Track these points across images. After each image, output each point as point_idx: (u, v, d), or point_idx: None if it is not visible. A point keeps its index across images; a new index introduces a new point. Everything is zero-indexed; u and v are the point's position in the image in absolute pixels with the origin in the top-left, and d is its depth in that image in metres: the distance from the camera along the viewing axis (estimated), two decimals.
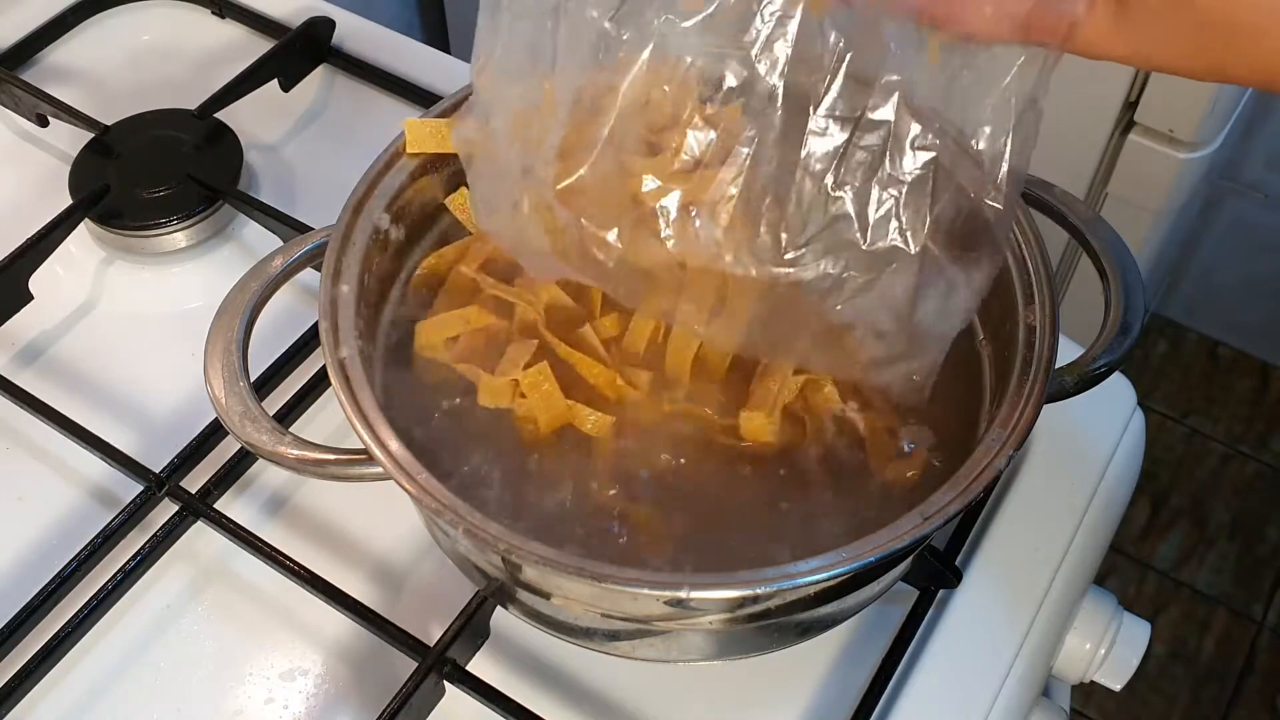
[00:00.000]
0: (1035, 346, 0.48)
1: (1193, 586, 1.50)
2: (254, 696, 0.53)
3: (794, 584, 0.42)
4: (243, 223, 0.69)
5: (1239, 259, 1.58)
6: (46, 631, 0.53)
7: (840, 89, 0.42)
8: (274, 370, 0.61)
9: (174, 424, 0.61)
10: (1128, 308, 0.51)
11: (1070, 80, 0.95)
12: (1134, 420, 0.63)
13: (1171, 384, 1.67)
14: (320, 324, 0.48)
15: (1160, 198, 1.02)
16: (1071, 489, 0.60)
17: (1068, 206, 0.54)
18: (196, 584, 0.57)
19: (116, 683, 0.54)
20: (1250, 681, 1.43)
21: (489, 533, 0.43)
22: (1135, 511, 1.55)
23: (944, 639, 0.55)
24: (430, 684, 0.51)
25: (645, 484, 0.49)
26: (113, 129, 0.70)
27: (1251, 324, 1.66)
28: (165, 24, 0.80)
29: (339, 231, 0.50)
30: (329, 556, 0.57)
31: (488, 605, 0.52)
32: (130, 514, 0.56)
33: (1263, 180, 1.48)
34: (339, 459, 0.46)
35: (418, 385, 0.51)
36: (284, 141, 0.74)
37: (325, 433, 0.60)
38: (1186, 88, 0.93)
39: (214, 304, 0.50)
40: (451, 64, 0.77)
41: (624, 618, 0.47)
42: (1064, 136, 1.01)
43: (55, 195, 0.68)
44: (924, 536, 0.43)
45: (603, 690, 0.53)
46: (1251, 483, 1.59)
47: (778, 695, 0.53)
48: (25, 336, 0.65)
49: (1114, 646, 0.60)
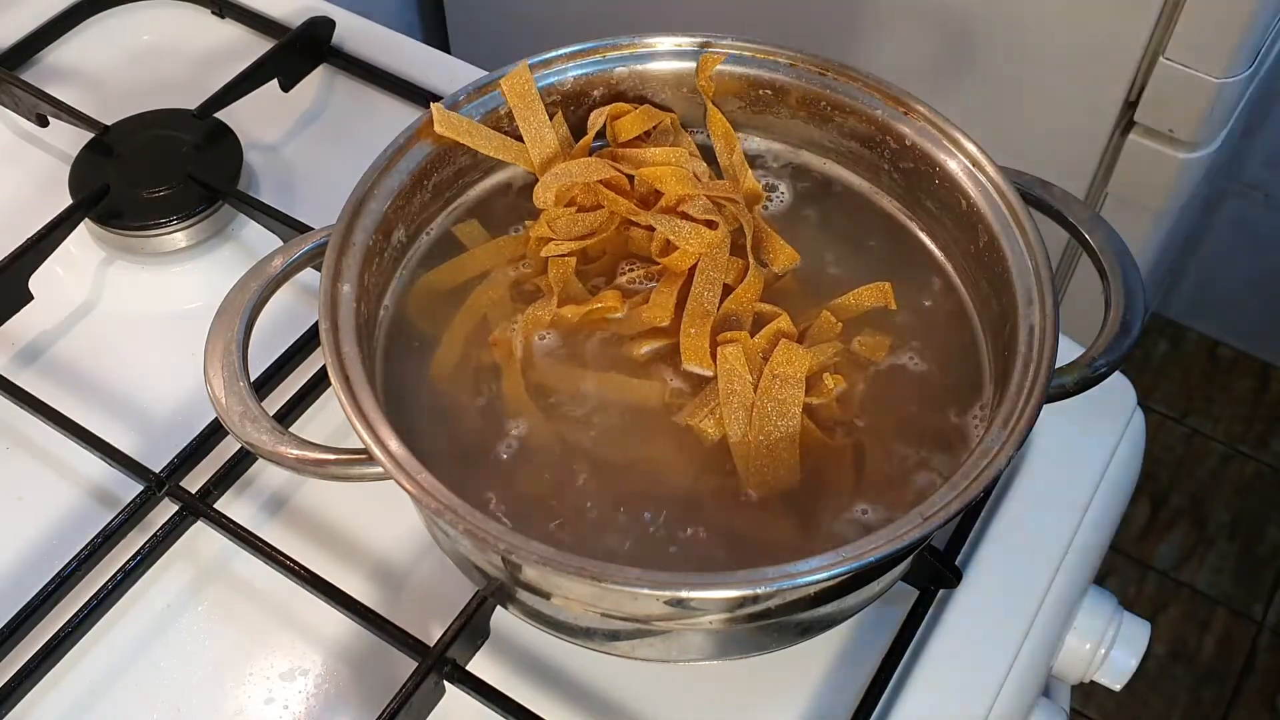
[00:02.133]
0: (1035, 346, 0.48)
1: (1193, 586, 1.50)
2: (254, 696, 0.53)
3: (794, 584, 0.42)
4: (243, 223, 0.69)
5: (1239, 259, 1.58)
6: (46, 631, 0.53)
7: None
8: (274, 370, 0.61)
9: (174, 424, 0.61)
10: (1128, 308, 0.51)
11: (1070, 80, 0.96)
12: (1134, 420, 0.63)
13: (1171, 384, 1.67)
14: (320, 324, 0.48)
15: (1160, 198, 1.02)
16: (1071, 489, 0.60)
17: (1067, 206, 0.54)
18: (196, 584, 0.57)
19: (116, 683, 0.54)
20: (1250, 681, 1.43)
21: (489, 533, 0.43)
22: (1135, 511, 1.55)
23: (944, 639, 0.55)
24: (430, 684, 0.51)
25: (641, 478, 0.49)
26: (113, 129, 0.70)
27: (1251, 324, 1.66)
28: (165, 24, 0.80)
29: (339, 231, 0.50)
30: (329, 556, 0.57)
31: (488, 605, 0.52)
32: (130, 514, 0.56)
33: (1263, 180, 1.48)
34: (339, 459, 0.46)
35: (418, 384, 0.52)
36: (284, 141, 0.74)
37: (325, 433, 0.60)
38: (1187, 88, 0.93)
39: (214, 304, 0.50)
40: (451, 64, 0.77)
41: (624, 618, 0.47)
42: (1064, 136, 1.01)
43: (55, 195, 0.68)
44: (924, 536, 0.43)
45: (603, 690, 0.53)
46: (1251, 483, 1.59)
47: (778, 695, 0.53)
48: (25, 336, 0.65)
49: (1114, 646, 0.60)
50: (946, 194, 0.54)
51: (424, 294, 0.54)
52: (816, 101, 0.56)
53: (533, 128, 0.56)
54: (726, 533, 0.48)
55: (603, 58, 0.57)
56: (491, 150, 0.55)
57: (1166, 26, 0.90)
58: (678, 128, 0.57)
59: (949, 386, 0.52)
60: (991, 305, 0.52)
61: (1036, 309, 0.49)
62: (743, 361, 0.49)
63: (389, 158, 0.53)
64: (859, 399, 0.51)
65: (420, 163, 0.54)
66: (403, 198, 0.53)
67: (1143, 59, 0.93)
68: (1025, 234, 0.51)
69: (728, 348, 0.50)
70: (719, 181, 0.56)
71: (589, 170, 0.55)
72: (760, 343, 0.51)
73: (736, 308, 0.52)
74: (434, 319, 0.53)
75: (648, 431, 0.50)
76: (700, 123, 0.58)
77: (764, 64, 0.57)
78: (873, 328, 0.53)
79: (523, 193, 0.57)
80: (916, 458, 0.50)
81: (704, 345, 0.51)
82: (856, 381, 0.52)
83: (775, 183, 0.58)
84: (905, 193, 0.57)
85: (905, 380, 0.52)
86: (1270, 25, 0.92)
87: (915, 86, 0.55)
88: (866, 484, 0.49)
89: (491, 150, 0.55)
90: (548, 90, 0.56)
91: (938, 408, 0.51)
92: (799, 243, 0.56)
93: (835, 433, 0.50)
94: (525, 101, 0.56)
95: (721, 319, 0.52)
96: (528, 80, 0.55)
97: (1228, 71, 0.91)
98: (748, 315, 0.52)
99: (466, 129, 0.55)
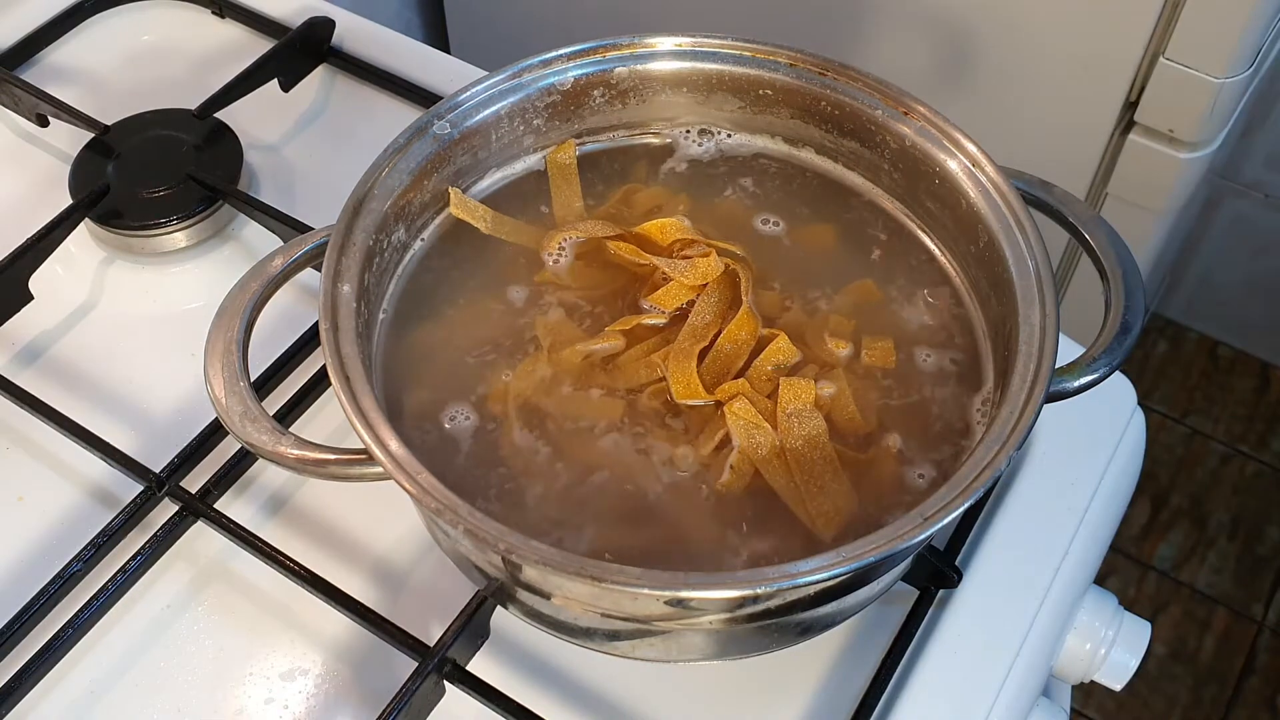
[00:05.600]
0: (1035, 346, 0.48)
1: (1193, 586, 1.50)
2: (254, 696, 0.53)
3: (794, 584, 0.42)
4: (243, 223, 0.69)
5: (1239, 259, 1.58)
6: (47, 631, 0.53)
7: None
8: (274, 370, 0.61)
9: (174, 424, 0.61)
10: (1128, 308, 0.51)
11: (1070, 80, 0.96)
12: (1134, 420, 0.63)
13: (1171, 384, 1.67)
14: (320, 324, 0.48)
15: (1160, 198, 1.02)
16: (1071, 489, 0.60)
17: (1068, 206, 0.54)
18: (196, 584, 0.57)
19: (116, 683, 0.54)
20: (1250, 681, 1.43)
21: (489, 533, 0.43)
22: (1135, 511, 1.55)
23: (944, 639, 0.55)
24: (430, 684, 0.51)
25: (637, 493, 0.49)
26: (113, 129, 0.70)
27: (1251, 324, 1.66)
28: (165, 24, 0.80)
29: (339, 231, 0.50)
30: (329, 556, 0.57)
31: (488, 605, 0.52)
32: (130, 514, 0.56)
33: (1263, 180, 1.48)
34: (339, 459, 0.46)
35: (418, 384, 0.52)
36: (284, 141, 0.74)
37: (325, 433, 0.60)
38: (1187, 88, 0.93)
39: (214, 304, 0.50)
40: (451, 64, 0.77)
41: (624, 618, 0.47)
42: (1064, 136, 1.01)
43: (55, 195, 0.68)
44: (924, 537, 0.43)
45: (603, 690, 0.53)
46: (1251, 483, 1.59)
47: (778, 695, 0.53)
48: (25, 336, 0.65)
49: (1114, 646, 0.60)
50: (946, 194, 0.54)
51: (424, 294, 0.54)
52: (816, 101, 0.56)
53: (564, 196, 0.58)
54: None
55: (603, 58, 0.57)
56: (504, 235, 0.56)
57: (1166, 26, 0.90)
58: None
59: (950, 385, 0.52)
60: (991, 305, 0.52)
61: (1036, 309, 0.49)
62: (753, 410, 0.49)
63: (389, 158, 0.53)
64: (875, 407, 0.51)
65: (420, 163, 0.54)
66: (403, 198, 0.53)
67: (1143, 59, 0.93)
68: (1025, 234, 0.51)
69: (734, 404, 0.49)
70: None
71: (594, 228, 0.56)
72: (763, 385, 0.51)
73: (731, 345, 0.51)
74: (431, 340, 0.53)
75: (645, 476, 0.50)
76: (701, 122, 0.59)
77: (764, 64, 0.57)
78: (873, 333, 0.53)
79: (523, 192, 0.57)
80: (930, 456, 0.50)
81: (693, 378, 0.50)
82: (869, 390, 0.52)
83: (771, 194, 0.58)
84: (905, 193, 0.57)
85: (910, 381, 0.52)
86: (1270, 25, 0.92)
87: (915, 87, 0.55)
88: (907, 485, 0.49)
89: (504, 235, 0.56)
90: (547, 90, 0.57)
91: (942, 406, 0.51)
92: (800, 241, 0.56)
93: (867, 448, 0.50)
94: (563, 174, 0.58)
95: (716, 356, 0.51)
96: (570, 156, 0.58)
97: (1228, 71, 0.91)
98: (742, 353, 0.52)
99: (482, 214, 0.56)
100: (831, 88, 0.56)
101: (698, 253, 0.54)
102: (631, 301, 0.54)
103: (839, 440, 0.50)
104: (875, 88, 0.55)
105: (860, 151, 0.57)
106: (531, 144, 0.58)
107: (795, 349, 0.51)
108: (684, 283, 0.53)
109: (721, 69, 0.57)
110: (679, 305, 0.53)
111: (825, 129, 0.57)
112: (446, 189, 0.56)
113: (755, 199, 0.58)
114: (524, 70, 0.56)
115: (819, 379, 0.51)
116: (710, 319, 0.52)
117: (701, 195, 0.58)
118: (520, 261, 0.55)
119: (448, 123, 0.55)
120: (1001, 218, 0.52)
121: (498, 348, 0.53)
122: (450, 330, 0.53)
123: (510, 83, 0.56)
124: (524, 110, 0.57)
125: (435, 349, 0.53)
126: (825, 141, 0.58)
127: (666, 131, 0.59)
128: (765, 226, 0.57)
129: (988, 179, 0.53)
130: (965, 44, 0.99)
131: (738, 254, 0.54)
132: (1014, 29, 0.96)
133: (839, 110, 0.56)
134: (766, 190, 0.58)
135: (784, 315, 0.54)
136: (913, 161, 0.55)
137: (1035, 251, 0.50)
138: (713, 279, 0.53)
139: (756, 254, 0.55)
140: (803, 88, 0.56)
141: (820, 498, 0.48)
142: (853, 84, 0.56)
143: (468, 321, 0.54)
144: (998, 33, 0.97)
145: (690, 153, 0.59)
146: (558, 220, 0.57)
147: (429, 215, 0.56)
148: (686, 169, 0.59)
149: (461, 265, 0.55)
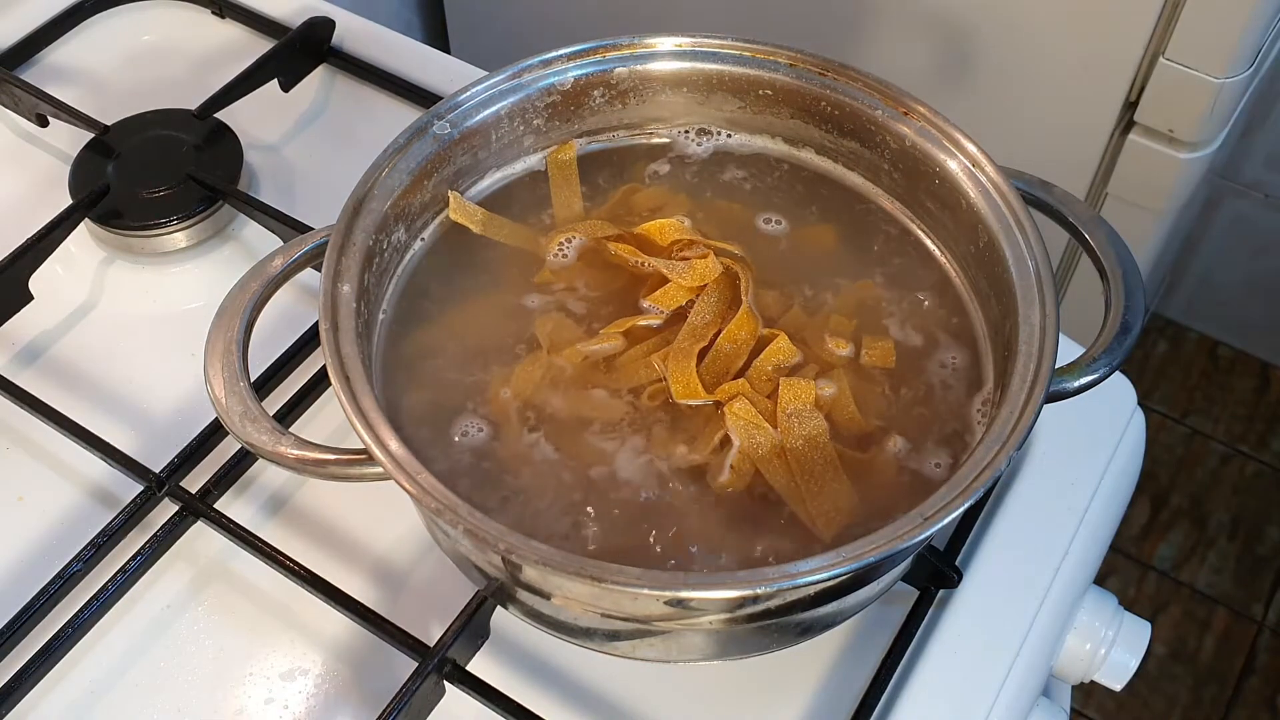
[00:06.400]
0: (1035, 346, 0.48)
1: (1193, 586, 1.50)
2: (254, 696, 0.53)
3: (794, 584, 0.42)
4: (243, 223, 0.69)
5: (1239, 259, 1.58)
6: (47, 631, 0.53)
7: None
8: (274, 370, 0.61)
9: (174, 424, 0.61)
10: (1128, 308, 0.51)
11: (1070, 80, 0.96)
12: (1134, 420, 0.63)
13: (1171, 384, 1.67)
14: (320, 324, 0.48)
15: (1160, 198, 1.02)
16: (1071, 489, 0.60)
17: (1068, 206, 0.54)
18: (196, 584, 0.57)
19: (116, 683, 0.54)
20: (1250, 681, 1.43)
21: (489, 533, 0.43)
22: (1135, 511, 1.55)
23: (944, 639, 0.55)
24: (430, 684, 0.51)
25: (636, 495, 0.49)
26: (113, 129, 0.70)
27: (1251, 324, 1.66)
28: (165, 24, 0.80)
29: (339, 231, 0.50)
30: (329, 556, 0.57)
31: (488, 605, 0.52)
32: (130, 514, 0.56)
33: (1263, 180, 1.48)
34: (339, 459, 0.46)
35: (418, 383, 0.52)
36: (284, 141, 0.74)
37: (325, 433, 0.60)
38: (1187, 88, 0.93)
39: (214, 304, 0.50)
40: (451, 64, 0.77)
41: (624, 618, 0.47)
42: (1064, 136, 1.01)
43: (55, 195, 0.68)
44: (924, 537, 0.43)
45: (603, 690, 0.53)
46: (1251, 483, 1.59)
47: (778, 695, 0.53)
48: (25, 336, 0.65)
49: (1114, 646, 0.60)
50: (946, 194, 0.54)
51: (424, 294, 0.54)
52: (816, 101, 0.56)
53: (564, 197, 0.58)
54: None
55: (603, 58, 0.57)
56: (504, 239, 0.56)
57: (1166, 26, 0.90)
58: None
59: (950, 385, 0.52)
60: (991, 305, 0.52)
61: (1036, 309, 0.49)
62: (753, 410, 0.49)
63: (389, 158, 0.53)
64: (876, 407, 0.51)
65: (420, 163, 0.54)
66: (403, 198, 0.53)
67: (1143, 59, 0.93)
68: (1025, 234, 0.51)
69: (734, 404, 0.49)
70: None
71: (594, 229, 0.56)
72: (763, 385, 0.51)
73: (731, 345, 0.51)
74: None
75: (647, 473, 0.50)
76: (700, 122, 0.59)
77: (764, 64, 0.57)
78: (873, 333, 0.53)
79: (523, 193, 0.57)
80: (931, 456, 0.50)
81: (692, 378, 0.50)
82: (869, 390, 0.52)
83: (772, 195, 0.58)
84: (905, 193, 0.57)
85: (910, 381, 0.52)
86: (1270, 25, 0.92)
87: (915, 87, 0.55)
88: (907, 485, 0.49)
89: (504, 239, 0.56)
90: (547, 90, 0.57)
91: (942, 406, 0.51)
92: (800, 241, 0.56)
93: (867, 448, 0.50)
94: (564, 174, 0.58)
95: (716, 356, 0.51)
96: (571, 156, 0.58)
97: (1228, 71, 0.91)
98: (742, 353, 0.52)
99: (482, 218, 0.56)
100: (831, 88, 0.56)
101: (696, 254, 0.54)
102: (631, 302, 0.54)
103: (839, 440, 0.50)
104: (875, 88, 0.55)
105: (860, 151, 0.57)
106: (531, 144, 0.58)
107: (795, 349, 0.51)
108: (682, 284, 0.53)
109: (721, 69, 0.57)
110: (679, 305, 0.53)
111: (825, 129, 0.57)
112: (446, 190, 0.56)
113: (755, 199, 0.58)
114: (524, 70, 0.56)
115: (819, 379, 0.51)
116: (710, 319, 0.52)
117: (701, 195, 0.58)
118: (520, 262, 0.56)
119: (448, 123, 0.55)
120: (1001, 218, 0.52)
121: (498, 348, 0.53)
122: (450, 330, 0.53)
123: (510, 83, 0.56)
124: (524, 110, 0.57)
125: (435, 349, 0.53)
126: (825, 142, 0.58)
127: (666, 132, 0.59)
128: (765, 226, 0.57)
129: (988, 179, 0.53)
130: (965, 44, 0.99)
131: (737, 254, 0.54)
132: (1014, 29, 0.96)
133: (839, 110, 0.56)
134: (766, 190, 0.58)
135: (784, 315, 0.54)
136: (913, 161, 0.55)
137: (1035, 251, 0.50)
138: (711, 280, 0.53)
139: (756, 254, 0.55)
140: (803, 88, 0.56)
141: (820, 498, 0.48)
142: (853, 84, 0.56)
143: (468, 321, 0.54)
144: (998, 33, 0.97)
145: (690, 153, 0.59)
146: (558, 220, 0.57)
147: (429, 215, 0.56)
148: (686, 169, 0.59)
149: (462, 265, 0.55)
